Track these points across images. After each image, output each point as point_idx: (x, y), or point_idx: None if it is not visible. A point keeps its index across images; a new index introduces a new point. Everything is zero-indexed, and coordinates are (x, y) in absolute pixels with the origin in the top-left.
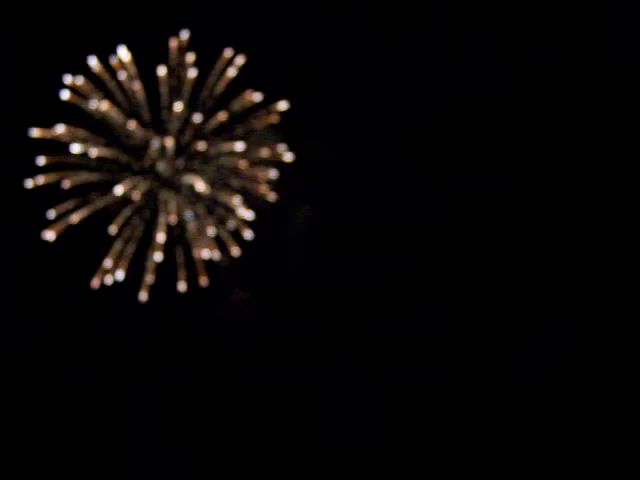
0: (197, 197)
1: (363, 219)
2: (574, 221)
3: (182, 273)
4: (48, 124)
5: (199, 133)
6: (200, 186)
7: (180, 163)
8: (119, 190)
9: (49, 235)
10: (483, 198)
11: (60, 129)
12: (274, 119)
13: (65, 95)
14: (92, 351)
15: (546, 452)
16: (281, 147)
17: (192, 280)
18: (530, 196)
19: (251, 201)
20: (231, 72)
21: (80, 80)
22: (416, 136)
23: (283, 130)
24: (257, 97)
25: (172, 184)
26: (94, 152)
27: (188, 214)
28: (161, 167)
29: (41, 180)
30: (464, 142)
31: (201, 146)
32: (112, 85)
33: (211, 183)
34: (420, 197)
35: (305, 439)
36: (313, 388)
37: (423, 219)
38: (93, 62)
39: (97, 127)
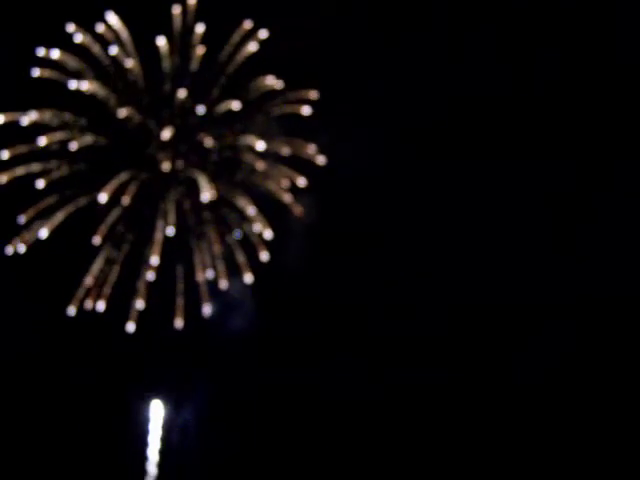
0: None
1: (363, 219)
2: (574, 221)
3: (180, 303)
4: (17, 108)
5: (206, 123)
6: (206, 195)
7: (180, 163)
8: (103, 198)
9: (19, 247)
10: (483, 198)
11: (32, 114)
12: (306, 110)
13: (36, 72)
14: (92, 351)
15: (546, 451)
16: (311, 148)
17: (192, 309)
18: (530, 196)
19: (260, 202)
20: (246, 50)
21: (56, 53)
22: (416, 136)
23: (284, 131)
24: (278, 84)
25: (173, 183)
26: (74, 144)
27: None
28: (160, 162)
29: (4, 178)
30: (464, 142)
31: (207, 139)
32: (103, 61)
33: (217, 186)
34: (420, 197)
35: (305, 439)
36: (313, 388)
37: (423, 219)
38: (72, 29)
39: (81, 112)
